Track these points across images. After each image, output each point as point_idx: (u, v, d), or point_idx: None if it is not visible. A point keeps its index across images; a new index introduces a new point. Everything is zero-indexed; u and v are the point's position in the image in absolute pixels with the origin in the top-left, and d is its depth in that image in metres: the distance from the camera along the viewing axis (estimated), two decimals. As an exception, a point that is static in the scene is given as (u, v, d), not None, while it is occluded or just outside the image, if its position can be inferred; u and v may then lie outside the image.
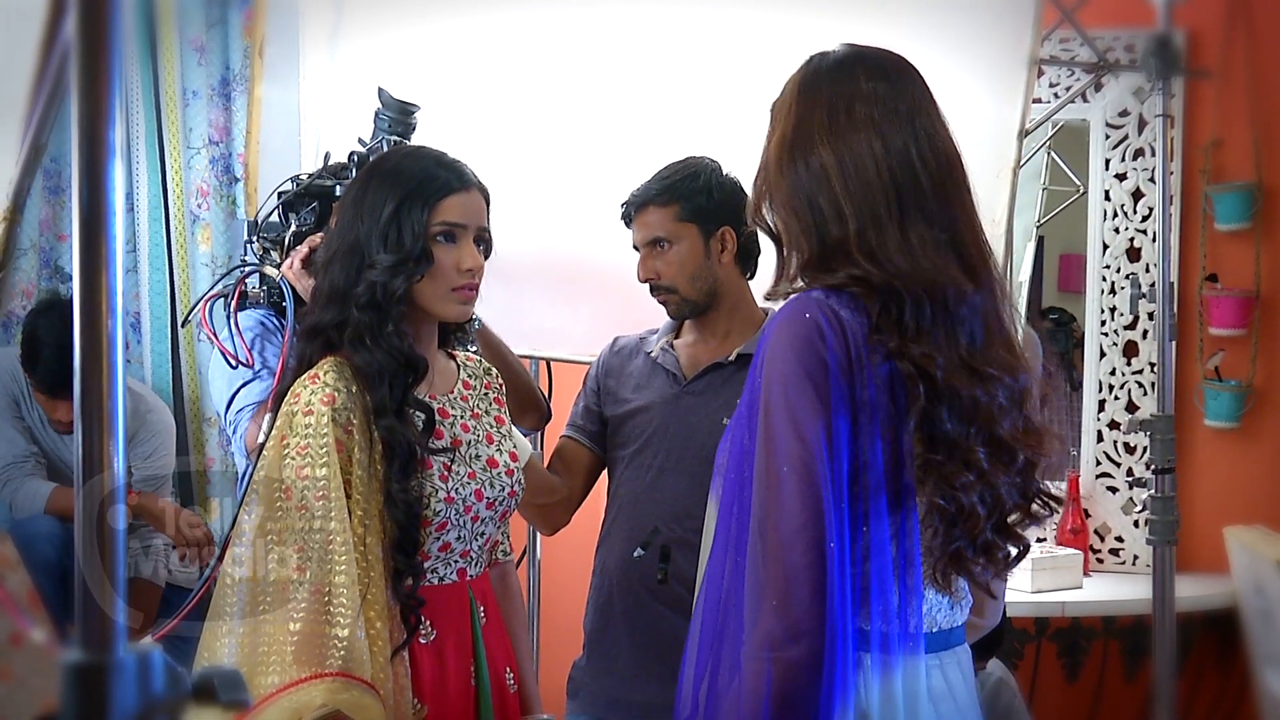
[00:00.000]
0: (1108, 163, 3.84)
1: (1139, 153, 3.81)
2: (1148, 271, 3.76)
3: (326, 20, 3.13)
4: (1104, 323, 3.85)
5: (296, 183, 2.42)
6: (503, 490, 2.01)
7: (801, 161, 1.54)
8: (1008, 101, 2.73)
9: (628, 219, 2.51)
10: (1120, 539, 3.81)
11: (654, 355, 2.52)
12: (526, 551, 3.25)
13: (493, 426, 2.07)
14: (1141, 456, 3.74)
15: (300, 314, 2.09)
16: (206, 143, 3.85)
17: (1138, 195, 3.81)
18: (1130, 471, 3.77)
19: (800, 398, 1.45)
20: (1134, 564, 3.77)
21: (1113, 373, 3.83)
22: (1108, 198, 3.84)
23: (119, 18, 0.77)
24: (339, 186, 2.33)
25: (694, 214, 2.44)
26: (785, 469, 1.44)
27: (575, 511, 2.58)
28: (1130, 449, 3.80)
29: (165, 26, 3.81)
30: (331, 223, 2.05)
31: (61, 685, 0.77)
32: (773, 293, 1.60)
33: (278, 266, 2.34)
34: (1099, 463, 3.84)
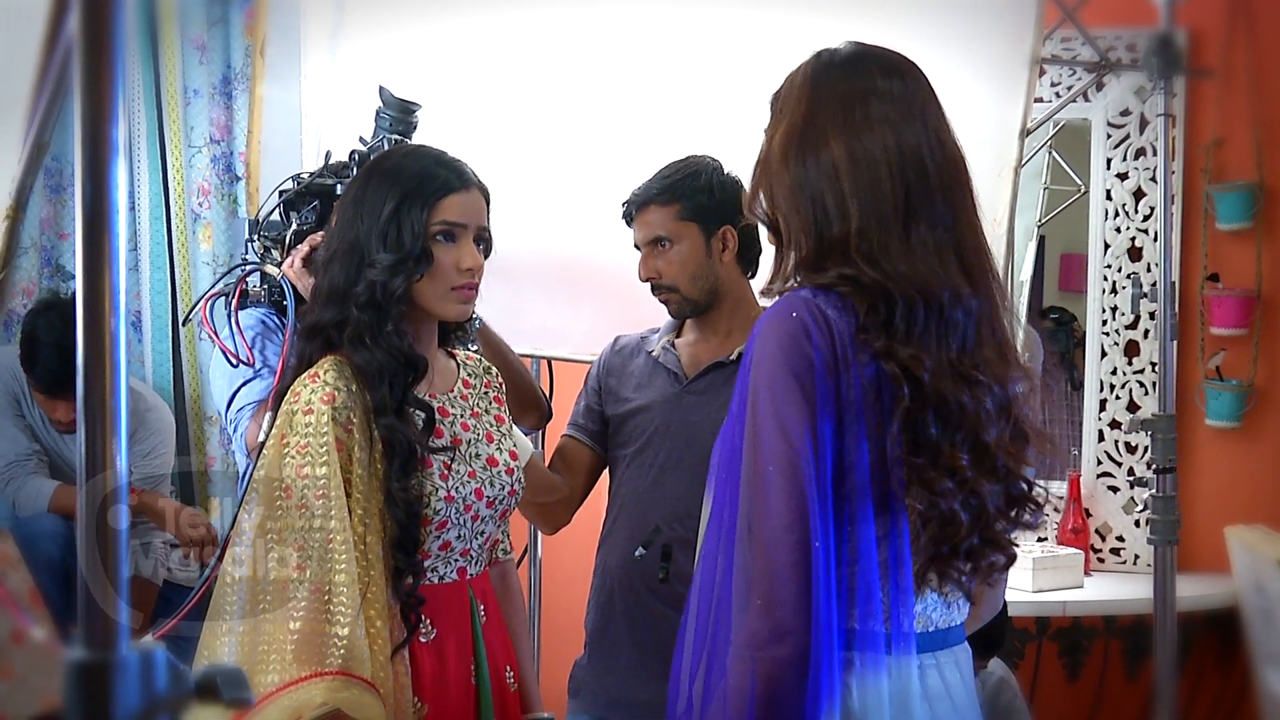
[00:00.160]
0: (1109, 162, 3.84)
1: (1140, 152, 3.80)
2: (1149, 271, 3.76)
3: (328, 19, 3.12)
4: (1105, 322, 3.85)
5: (297, 181, 2.42)
6: (503, 489, 2.01)
7: (811, 155, 1.52)
8: (1009, 101, 2.73)
9: (629, 218, 2.50)
10: (1121, 538, 3.81)
11: (655, 354, 2.52)
12: (528, 551, 3.25)
13: (493, 425, 2.07)
14: (1142, 456, 3.74)
15: (301, 313, 2.09)
16: (208, 141, 3.85)
17: (1139, 195, 3.81)
18: (1131, 471, 3.77)
19: (786, 397, 1.44)
20: (1135, 563, 3.77)
21: (1114, 372, 3.83)
22: (1109, 197, 3.84)
23: (122, 16, 0.77)
24: (340, 185, 2.33)
25: (695, 213, 2.44)
26: (771, 468, 1.44)
27: (576, 510, 2.58)
28: (1131, 448, 3.80)
29: (167, 25, 3.81)
30: (332, 222, 2.04)
31: (65, 683, 0.77)
32: (768, 289, 1.60)
33: (279, 265, 2.34)
34: (1100, 462, 3.83)
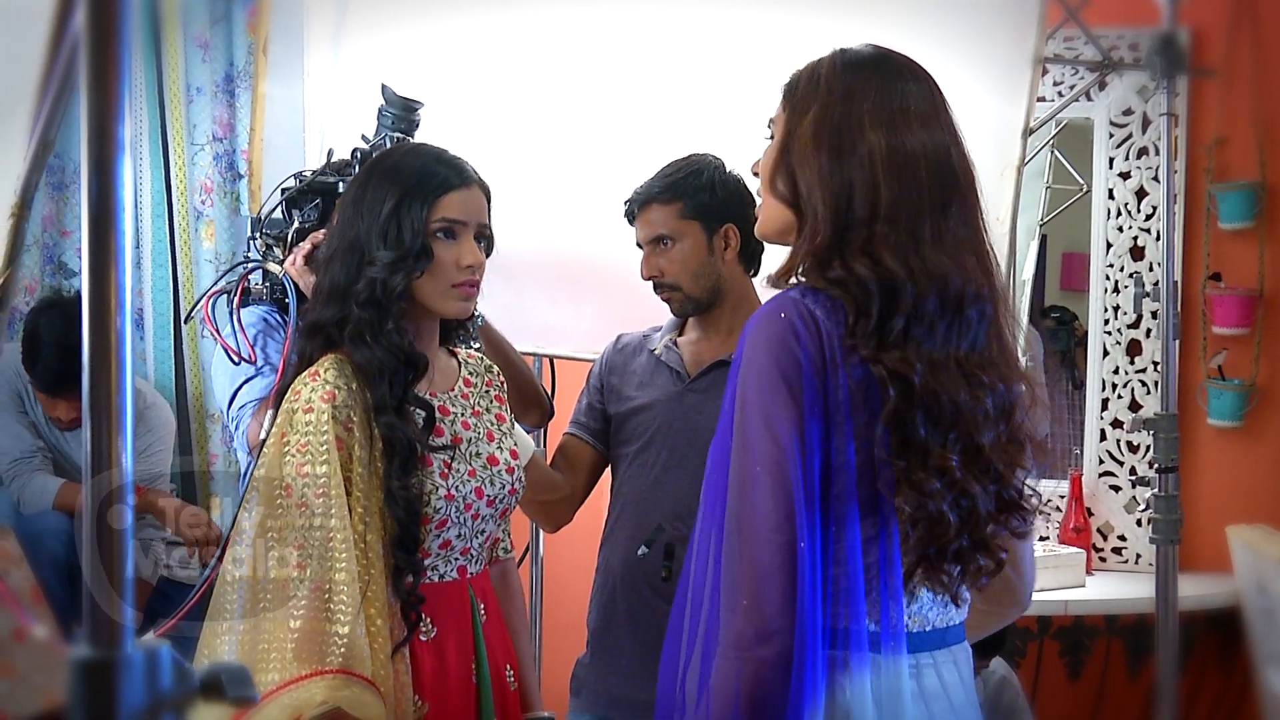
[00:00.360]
0: (1111, 161, 3.84)
1: (1143, 151, 3.80)
2: (1151, 270, 3.76)
3: (331, 17, 3.12)
4: (1107, 321, 3.85)
5: (300, 179, 2.42)
6: (503, 488, 2.01)
7: (847, 143, 1.51)
8: (1012, 100, 2.73)
9: (631, 216, 2.50)
10: (1123, 538, 3.81)
11: (657, 353, 2.52)
12: (529, 549, 3.25)
13: (494, 424, 2.07)
14: (1144, 455, 3.74)
15: (302, 311, 2.09)
16: (210, 139, 3.85)
17: (1141, 194, 3.81)
18: (1133, 470, 3.77)
19: (774, 398, 1.44)
20: (1136, 563, 3.77)
21: (1116, 371, 3.83)
22: (1111, 196, 3.84)
23: (128, 14, 0.77)
24: (342, 183, 2.33)
25: (697, 211, 2.44)
26: (758, 469, 1.44)
27: (578, 509, 2.58)
28: (1133, 448, 3.80)
29: (169, 23, 3.81)
30: (333, 220, 2.04)
31: (70, 681, 0.77)
32: (774, 281, 1.59)
33: (281, 263, 2.34)
34: (1101, 461, 3.83)
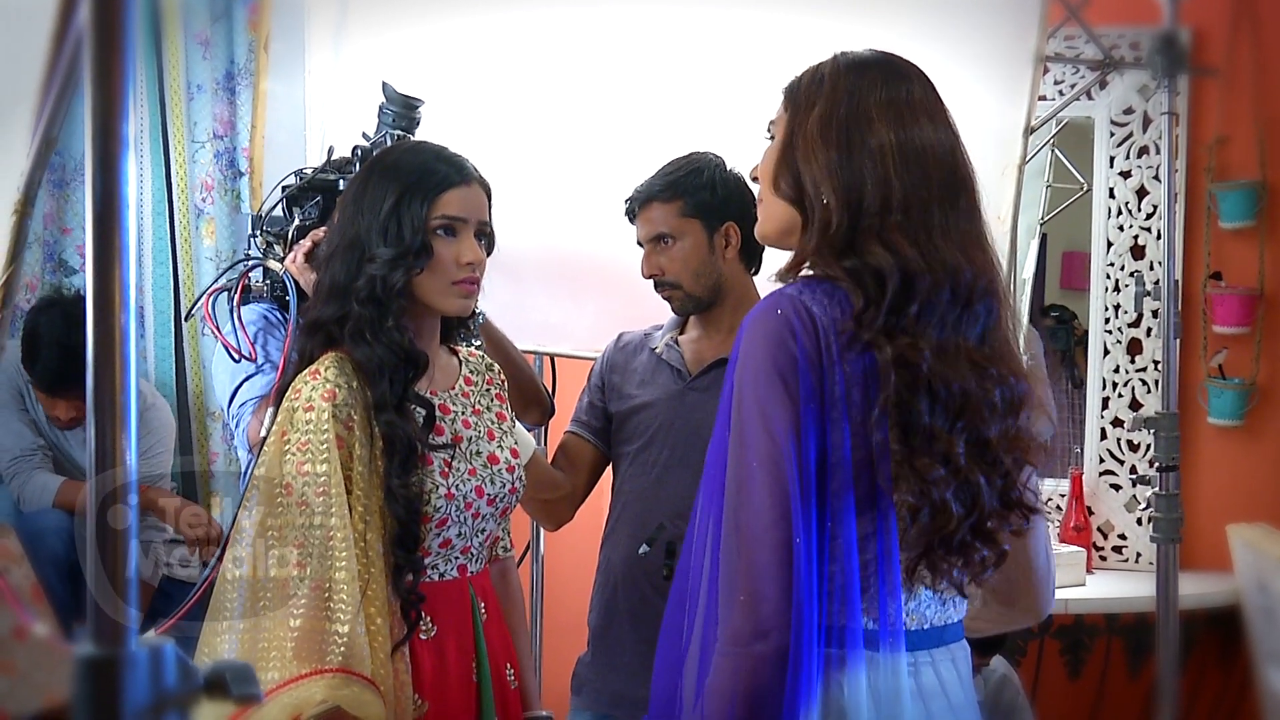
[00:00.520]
0: (1112, 160, 3.83)
1: (1143, 150, 3.80)
2: (1152, 269, 3.76)
3: (332, 15, 3.12)
4: (1108, 320, 3.85)
5: (300, 177, 2.42)
6: (503, 487, 2.01)
7: (856, 137, 1.52)
8: (1013, 99, 2.73)
9: (631, 215, 2.50)
10: (1123, 536, 3.81)
11: (659, 351, 2.52)
12: (530, 548, 3.25)
13: (494, 423, 2.07)
14: (1144, 454, 3.74)
15: (303, 309, 2.09)
16: (211, 137, 3.85)
17: (1142, 193, 3.80)
18: (1134, 469, 3.77)
19: (770, 394, 1.45)
20: (1137, 561, 3.77)
21: (1116, 370, 3.83)
22: (1112, 195, 3.83)
23: (132, 11, 0.77)
24: (343, 180, 2.33)
25: (697, 210, 2.44)
26: (755, 465, 1.44)
27: (579, 507, 2.58)
28: (1134, 446, 3.80)
29: (170, 20, 3.81)
30: (334, 218, 2.04)
31: (74, 679, 0.77)
32: (783, 275, 1.58)
33: (281, 261, 2.34)
34: (1102, 460, 3.83)
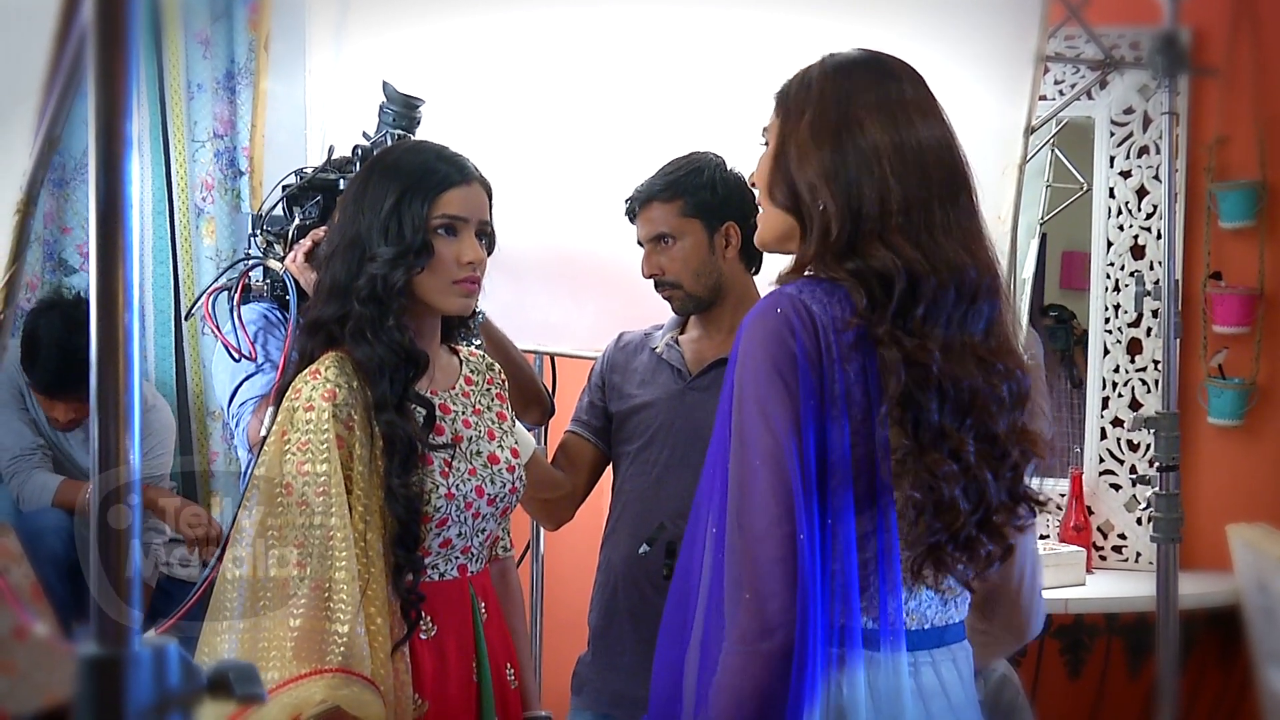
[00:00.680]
0: (1112, 160, 3.83)
1: (1143, 150, 3.80)
2: (1152, 269, 3.76)
3: (332, 14, 3.12)
4: (1108, 320, 3.85)
5: (300, 176, 2.42)
6: (504, 487, 2.01)
7: (849, 141, 1.51)
8: (1014, 99, 2.73)
9: (632, 214, 2.50)
10: (1123, 536, 3.81)
11: (659, 351, 2.52)
12: (530, 547, 3.24)
13: (494, 423, 2.06)
14: (1144, 454, 3.74)
15: (303, 308, 2.09)
16: (211, 136, 3.85)
17: (1142, 193, 3.80)
18: (1133, 469, 3.77)
19: (770, 392, 1.45)
20: (1136, 561, 3.77)
21: (1116, 370, 3.83)
22: (1112, 195, 3.83)
23: (136, 11, 0.77)
24: (343, 180, 2.33)
25: (698, 209, 2.44)
26: (757, 463, 1.44)
27: (579, 507, 2.58)
28: (1133, 446, 3.80)
29: (170, 20, 3.81)
30: (334, 217, 2.04)
31: (77, 678, 0.77)
32: (785, 280, 1.59)
33: (281, 260, 2.34)
34: (1102, 460, 3.83)
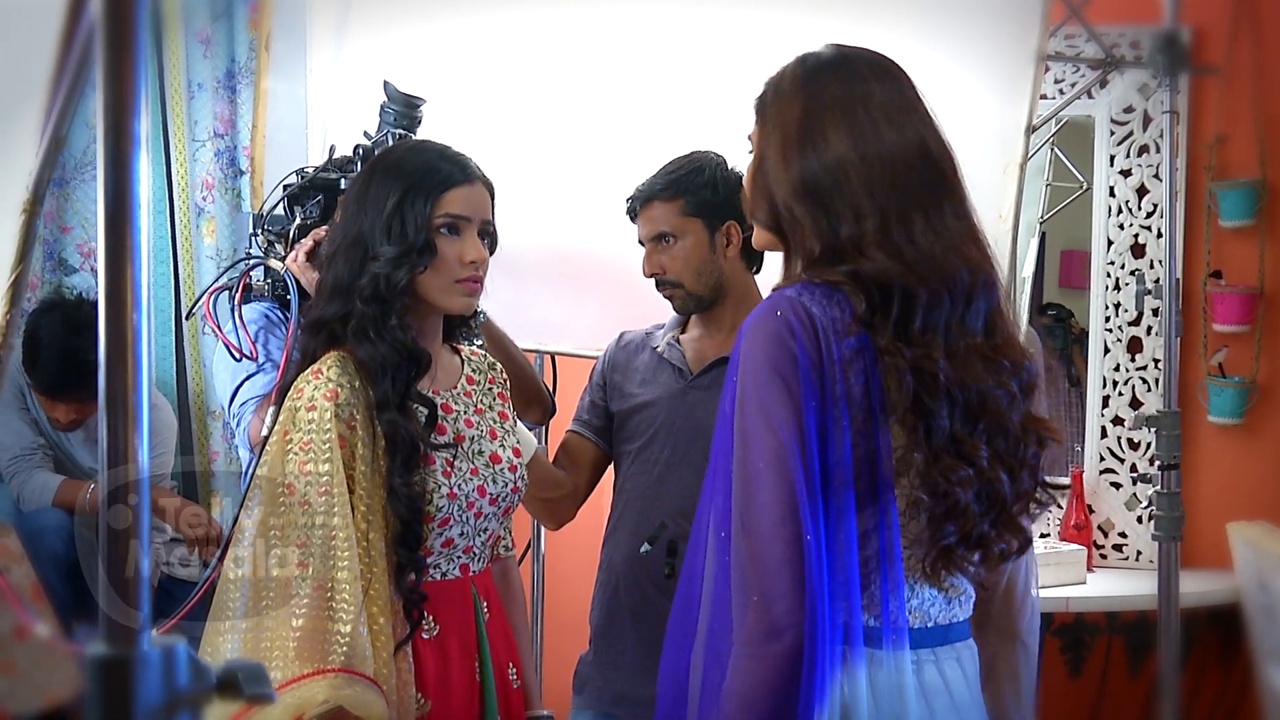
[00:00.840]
0: (1112, 159, 3.83)
1: (1144, 149, 3.80)
2: (1152, 268, 3.76)
3: (333, 14, 3.12)
4: (1108, 319, 3.85)
5: (301, 176, 2.42)
6: (505, 486, 2.01)
7: (814, 157, 1.53)
8: (1014, 98, 2.73)
9: (633, 214, 2.50)
10: (1124, 535, 3.81)
11: (660, 350, 2.52)
12: (531, 547, 3.24)
13: (496, 422, 2.07)
14: (1145, 453, 3.74)
15: (304, 308, 2.09)
16: (211, 135, 3.85)
17: (1142, 191, 3.80)
18: (1134, 468, 3.77)
19: (772, 395, 1.46)
20: (1137, 560, 3.77)
21: (1116, 369, 3.83)
22: (1112, 194, 3.83)
23: (144, 10, 0.77)
24: (344, 180, 2.33)
25: (699, 209, 2.44)
26: (761, 464, 1.45)
27: (580, 506, 2.58)
28: (1134, 445, 3.80)
29: (171, 19, 3.80)
30: (336, 216, 2.04)
31: (86, 679, 0.77)
32: (781, 286, 1.60)
33: (282, 259, 2.34)
34: (1102, 459, 3.83)
